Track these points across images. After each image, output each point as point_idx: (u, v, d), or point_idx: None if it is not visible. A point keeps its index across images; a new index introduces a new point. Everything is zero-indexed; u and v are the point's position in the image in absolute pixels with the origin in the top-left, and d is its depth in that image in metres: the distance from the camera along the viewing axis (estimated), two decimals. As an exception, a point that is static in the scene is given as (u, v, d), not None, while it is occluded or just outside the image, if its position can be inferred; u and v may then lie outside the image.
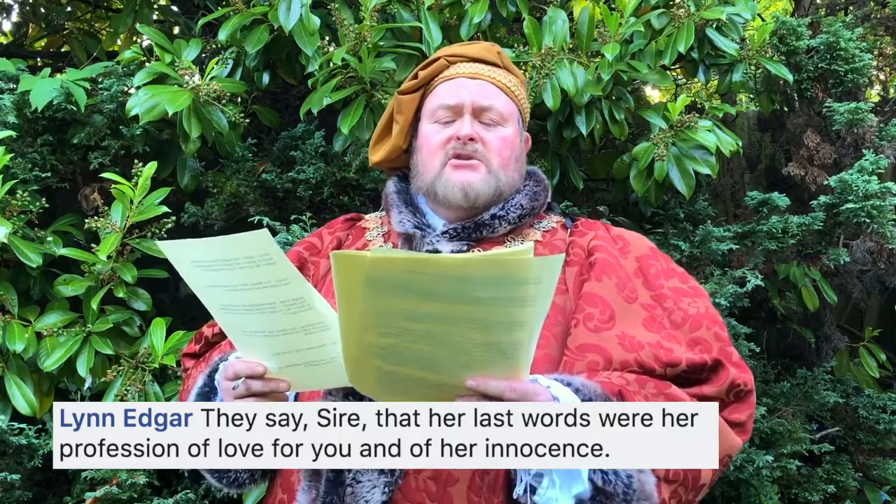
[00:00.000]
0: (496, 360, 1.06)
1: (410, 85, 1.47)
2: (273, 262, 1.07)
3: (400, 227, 1.42)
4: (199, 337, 1.53)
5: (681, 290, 1.33)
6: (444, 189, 1.38)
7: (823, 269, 2.66)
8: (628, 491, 1.13)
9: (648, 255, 1.38)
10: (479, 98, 1.41)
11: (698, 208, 2.62)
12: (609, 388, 1.16)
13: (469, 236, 1.39)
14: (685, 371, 1.23)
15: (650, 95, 3.44)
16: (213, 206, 2.48)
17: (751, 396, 1.29)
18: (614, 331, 1.26)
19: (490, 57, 1.47)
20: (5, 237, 2.09)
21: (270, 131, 2.72)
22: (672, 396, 1.19)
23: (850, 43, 2.71)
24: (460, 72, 1.44)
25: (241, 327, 1.18)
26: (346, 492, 1.21)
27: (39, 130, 2.39)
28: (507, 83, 1.46)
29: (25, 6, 3.37)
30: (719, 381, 1.24)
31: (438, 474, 1.20)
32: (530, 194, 1.44)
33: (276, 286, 1.09)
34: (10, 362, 2.18)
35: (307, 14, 2.23)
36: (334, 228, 1.56)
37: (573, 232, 1.42)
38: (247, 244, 1.06)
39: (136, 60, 2.48)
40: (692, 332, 1.27)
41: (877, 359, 2.87)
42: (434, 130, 1.42)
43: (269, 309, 1.11)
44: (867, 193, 2.44)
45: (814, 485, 2.66)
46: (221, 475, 1.37)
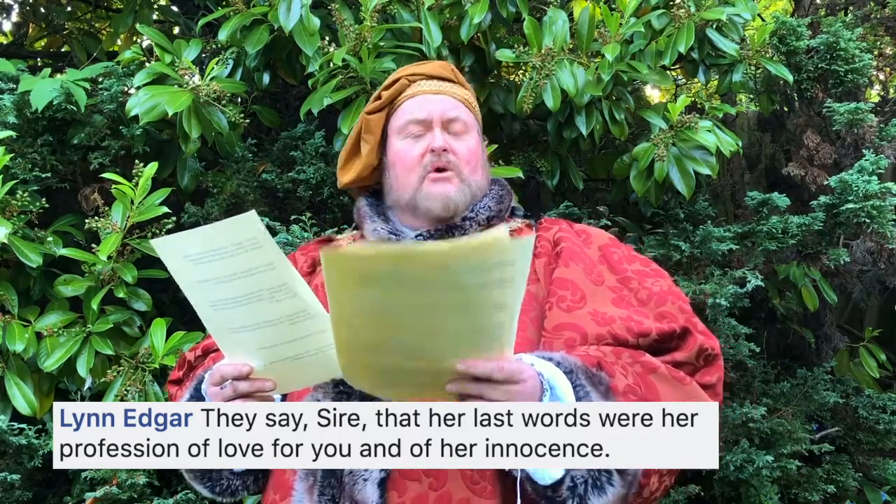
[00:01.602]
0: (482, 343, 1.08)
1: (376, 105, 1.54)
2: (260, 245, 1.09)
3: (374, 236, 1.49)
4: (182, 362, 1.55)
5: (643, 273, 1.42)
6: (425, 202, 1.45)
7: (823, 269, 2.66)
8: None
9: (609, 244, 1.47)
10: (445, 110, 1.49)
11: (698, 208, 2.63)
12: (588, 360, 1.21)
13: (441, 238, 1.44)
14: (656, 340, 1.29)
15: (650, 96, 3.44)
16: (213, 207, 2.48)
17: (718, 360, 1.35)
18: (586, 308, 1.32)
19: (446, 74, 1.56)
20: (5, 237, 2.09)
21: (270, 131, 2.72)
22: (647, 364, 1.24)
23: (850, 43, 2.71)
24: (423, 89, 1.52)
25: (227, 324, 1.19)
26: (343, 472, 1.23)
27: (39, 131, 2.39)
28: (465, 96, 1.56)
29: (25, 6, 3.38)
30: (688, 346, 1.31)
31: None
32: (496, 197, 1.52)
33: (264, 271, 1.10)
34: (10, 362, 2.19)
35: (307, 15, 2.23)
36: (308, 250, 1.61)
37: (538, 228, 1.50)
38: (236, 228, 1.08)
39: (136, 61, 2.48)
40: (658, 308, 1.35)
41: (877, 359, 2.87)
42: (407, 146, 1.49)
43: (255, 297, 1.13)
44: (867, 193, 2.45)
45: (814, 485, 2.66)
46: (214, 484, 1.38)
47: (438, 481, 1.21)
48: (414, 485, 1.21)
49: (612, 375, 1.19)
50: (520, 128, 2.60)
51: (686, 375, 1.27)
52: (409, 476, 1.22)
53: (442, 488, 1.21)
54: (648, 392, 1.20)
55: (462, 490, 1.21)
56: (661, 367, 1.25)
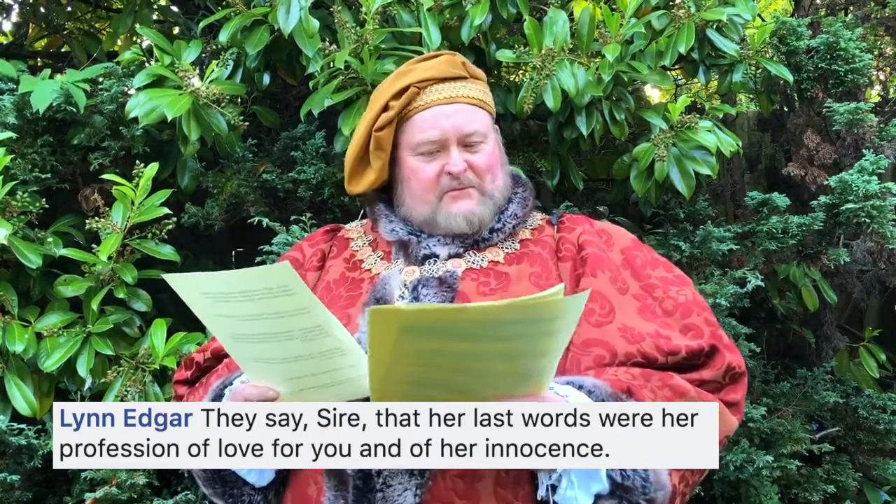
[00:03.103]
0: (520, 385, 1.09)
1: (385, 119, 1.44)
2: (292, 293, 1.06)
3: (392, 236, 1.45)
4: (190, 362, 1.52)
5: (667, 280, 1.39)
6: (446, 220, 1.40)
7: (823, 269, 2.66)
8: (646, 484, 1.17)
9: (632, 246, 1.44)
10: (460, 126, 1.41)
11: (698, 208, 2.63)
12: (618, 385, 1.20)
13: (464, 240, 1.42)
14: (685, 358, 1.28)
15: (650, 96, 3.44)
16: (214, 207, 2.48)
17: (744, 378, 1.34)
18: (615, 324, 1.31)
19: (457, 72, 1.45)
20: (5, 238, 2.09)
21: (271, 132, 2.72)
22: (676, 387, 1.24)
23: (850, 43, 2.71)
24: (434, 99, 1.42)
25: (252, 355, 1.17)
26: (376, 497, 1.20)
27: (39, 131, 2.39)
28: (478, 96, 1.46)
29: (25, 6, 3.37)
30: (716, 365, 1.30)
31: (465, 472, 1.20)
32: (521, 201, 1.48)
33: (295, 315, 1.08)
34: (10, 363, 2.19)
35: (306, 16, 2.22)
36: (315, 241, 1.56)
37: (560, 228, 1.46)
38: (264, 276, 1.05)
39: (136, 61, 2.48)
40: (683, 319, 1.33)
41: (877, 359, 2.86)
42: (422, 164, 1.42)
43: (285, 337, 1.11)
44: (867, 194, 2.44)
45: (814, 485, 2.66)
46: (236, 500, 1.35)
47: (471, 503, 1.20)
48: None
49: (641, 401, 1.19)
50: (520, 128, 2.60)
51: (714, 398, 1.26)
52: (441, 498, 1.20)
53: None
54: None
55: None
56: (691, 391, 1.24)
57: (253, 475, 1.32)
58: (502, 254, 1.41)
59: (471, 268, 1.39)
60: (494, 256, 1.41)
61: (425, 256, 1.40)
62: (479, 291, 1.35)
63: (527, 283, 1.36)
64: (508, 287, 1.35)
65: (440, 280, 1.36)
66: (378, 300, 1.35)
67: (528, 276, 1.37)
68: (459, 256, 1.40)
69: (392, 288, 1.37)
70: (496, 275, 1.38)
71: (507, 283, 1.36)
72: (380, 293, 1.36)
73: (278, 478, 1.34)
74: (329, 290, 1.44)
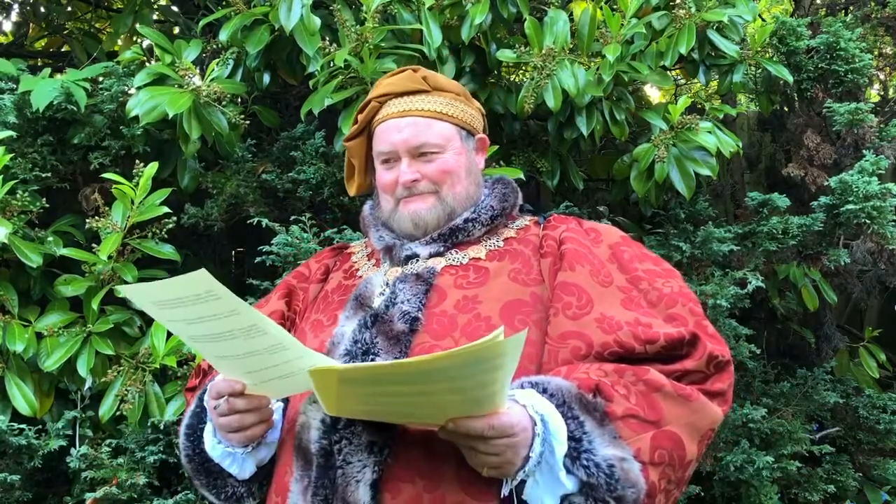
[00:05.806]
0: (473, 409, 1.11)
1: (353, 131, 1.55)
2: (219, 297, 1.09)
3: (380, 244, 1.50)
4: (198, 371, 1.58)
5: (654, 272, 1.39)
6: (397, 223, 1.48)
7: (823, 269, 2.67)
8: (611, 480, 1.15)
9: (620, 242, 1.45)
10: (410, 139, 1.46)
11: (699, 209, 2.63)
12: (585, 384, 1.19)
13: (445, 241, 1.45)
14: (664, 347, 1.27)
15: (650, 96, 3.44)
16: (213, 207, 2.48)
17: (729, 366, 1.32)
18: (593, 314, 1.30)
19: (415, 86, 1.49)
20: (6, 237, 2.09)
21: (270, 131, 2.72)
22: (651, 382, 1.22)
23: (850, 43, 2.71)
24: (390, 112, 1.48)
25: (213, 352, 1.22)
26: (336, 474, 1.22)
27: (40, 130, 2.39)
28: (438, 108, 1.49)
29: (25, 6, 3.37)
30: (698, 354, 1.28)
31: (429, 452, 1.22)
32: (499, 196, 1.51)
33: (230, 316, 1.11)
34: (10, 362, 2.18)
35: (308, 15, 2.22)
36: (322, 257, 1.63)
37: (546, 226, 1.48)
38: (189, 284, 1.08)
39: (136, 61, 2.48)
40: (668, 309, 1.33)
41: (877, 359, 2.87)
42: (383, 172, 1.49)
43: (229, 336, 1.14)
44: (867, 194, 2.45)
45: (814, 485, 2.66)
46: (220, 491, 1.41)
47: (432, 483, 1.20)
48: (407, 486, 1.21)
49: (609, 399, 1.18)
50: (520, 128, 2.60)
51: (693, 390, 1.24)
52: (402, 478, 1.21)
53: (436, 490, 1.20)
54: (652, 413, 1.19)
55: (457, 493, 1.20)
56: (667, 385, 1.22)
57: (235, 467, 1.37)
58: (484, 251, 1.44)
59: (451, 264, 1.42)
60: (476, 253, 1.44)
61: (407, 257, 1.44)
62: (457, 285, 1.37)
63: (505, 278, 1.38)
64: (487, 281, 1.37)
65: (417, 276, 1.39)
66: (358, 298, 1.40)
67: (507, 272, 1.39)
68: (441, 255, 1.44)
69: (374, 287, 1.42)
70: (476, 269, 1.40)
71: (486, 277, 1.38)
72: (361, 291, 1.42)
73: (261, 471, 1.39)
74: (325, 298, 1.50)
